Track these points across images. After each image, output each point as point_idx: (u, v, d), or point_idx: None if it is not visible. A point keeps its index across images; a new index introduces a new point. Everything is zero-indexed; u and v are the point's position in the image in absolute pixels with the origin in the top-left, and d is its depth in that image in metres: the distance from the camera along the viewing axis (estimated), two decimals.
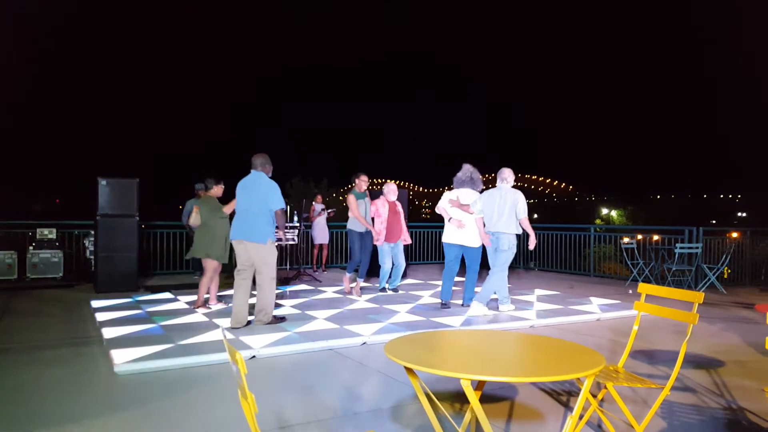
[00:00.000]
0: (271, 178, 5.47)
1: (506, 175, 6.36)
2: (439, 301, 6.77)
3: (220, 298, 6.81)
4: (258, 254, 5.31)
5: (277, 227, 5.44)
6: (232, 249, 5.75)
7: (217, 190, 6.56)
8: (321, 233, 10.76)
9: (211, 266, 6.42)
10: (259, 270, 5.35)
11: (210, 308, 6.45)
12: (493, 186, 6.49)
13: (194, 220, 6.57)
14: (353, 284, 7.70)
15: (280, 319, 5.64)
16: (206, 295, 6.57)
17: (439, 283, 7.61)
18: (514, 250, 6.28)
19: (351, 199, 7.52)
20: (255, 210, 5.31)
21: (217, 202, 6.50)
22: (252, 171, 5.48)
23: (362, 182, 7.62)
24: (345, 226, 7.90)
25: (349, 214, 7.56)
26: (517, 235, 6.29)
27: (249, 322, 5.43)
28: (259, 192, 5.35)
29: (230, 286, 8.22)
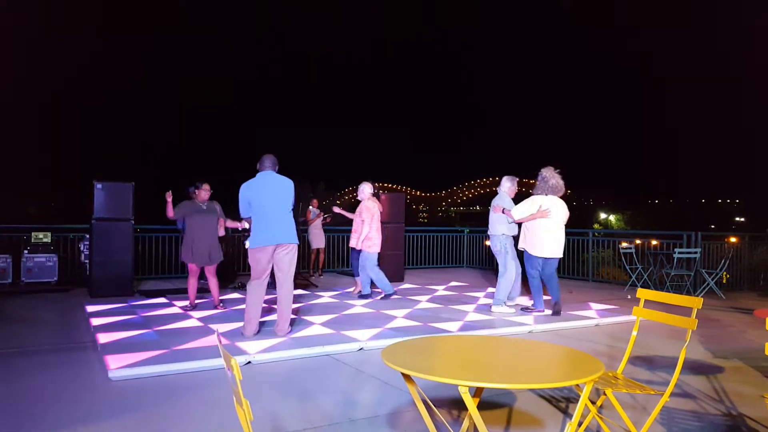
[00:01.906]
0: None
1: (501, 182, 6.91)
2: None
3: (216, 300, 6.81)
4: (290, 257, 5.15)
5: None
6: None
7: (202, 193, 6.45)
8: (318, 238, 10.75)
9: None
10: (288, 273, 5.17)
11: (194, 305, 6.67)
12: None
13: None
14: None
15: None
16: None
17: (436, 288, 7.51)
18: (509, 251, 6.66)
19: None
20: (285, 211, 5.17)
21: (191, 206, 6.43)
22: (264, 171, 5.23)
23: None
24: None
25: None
26: (515, 237, 6.74)
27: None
28: (286, 192, 5.22)
29: (229, 289, 8.25)
